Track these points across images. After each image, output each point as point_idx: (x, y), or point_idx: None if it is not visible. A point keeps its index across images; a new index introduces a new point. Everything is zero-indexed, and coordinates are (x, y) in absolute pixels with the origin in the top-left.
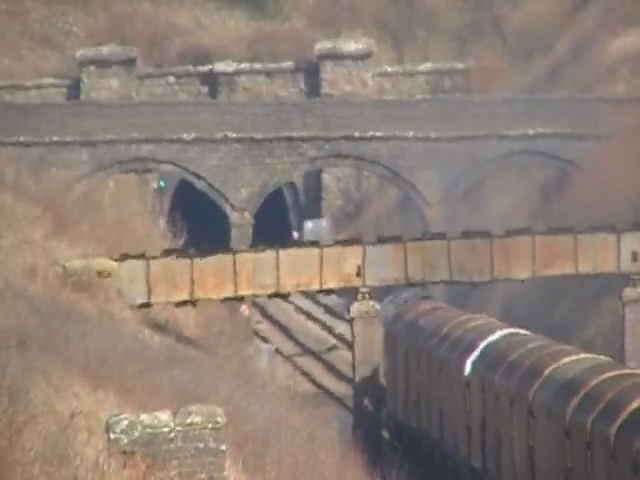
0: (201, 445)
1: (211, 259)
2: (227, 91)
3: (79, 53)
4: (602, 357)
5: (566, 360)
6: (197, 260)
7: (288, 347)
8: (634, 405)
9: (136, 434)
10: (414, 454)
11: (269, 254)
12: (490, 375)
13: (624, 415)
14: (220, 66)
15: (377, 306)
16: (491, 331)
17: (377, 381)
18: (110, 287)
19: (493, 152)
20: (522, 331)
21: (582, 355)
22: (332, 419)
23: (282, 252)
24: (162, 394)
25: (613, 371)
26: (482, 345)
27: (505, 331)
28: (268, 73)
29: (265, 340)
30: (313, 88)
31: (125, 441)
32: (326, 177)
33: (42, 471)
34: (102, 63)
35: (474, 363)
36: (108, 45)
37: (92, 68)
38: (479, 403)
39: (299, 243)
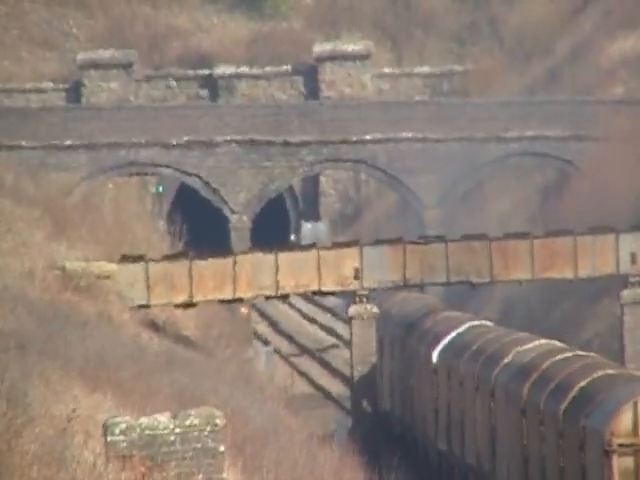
0: (200, 447)
1: (210, 261)
2: (226, 94)
3: (79, 57)
4: (556, 342)
5: (524, 346)
6: (196, 262)
7: (287, 348)
8: (581, 384)
9: (135, 436)
10: (389, 438)
11: (268, 256)
12: (456, 363)
13: (572, 394)
14: (219, 69)
15: (375, 308)
16: (458, 323)
17: (375, 382)
18: (109, 290)
19: (492, 154)
20: (488, 323)
21: (538, 341)
22: (330, 420)
23: (281, 254)
24: (161, 396)
25: (564, 354)
26: (449, 336)
27: (471, 323)
28: (267, 76)
29: (264, 342)
30: (312, 90)
31: (123, 444)
32: (324, 180)
33: (40, 474)
34: (102, 67)
35: (441, 352)
36: (107, 49)
37: (92, 72)
38: (446, 389)
39: (298, 245)
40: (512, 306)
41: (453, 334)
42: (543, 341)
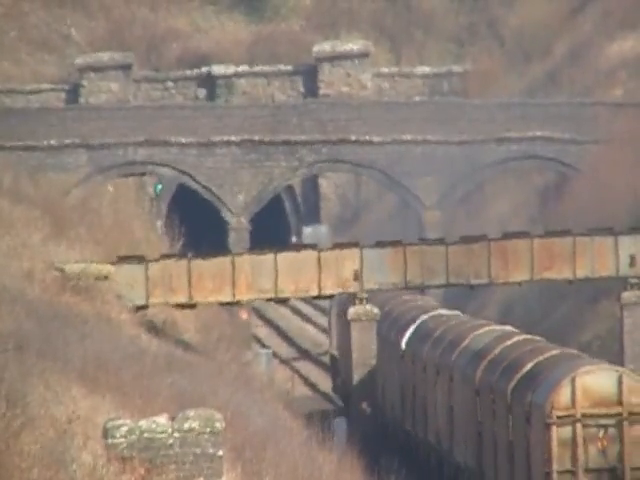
0: (199, 450)
1: (209, 263)
2: (225, 94)
3: (78, 59)
4: (509, 328)
5: (479, 332)
6: (195, 264)
7: (286, 351)
8: (528, 366)
9: (134, 439)
10: (386, 439)
11: (267, 258)
12: (420, 349)
13: (519, 374)
14: (218, 69)
15: (375, 310)
16: (424, 311)
17: (374, 383)
18: (108, 291)
19: (491, 156)
20: (454, 312)
21: (493, 327)
22: (329, 422)
23: (280, 256)
24: (160, 399)
25: (514, 339)
26: (415, 324)
27: (436, 312)
28: (266, 76)
29: (263, 344)
30: (311, 90)
31: (123, 446)
32: (324, 183)
33: (40, 476)
34: (101, 68)
35: (408, 339)
36: (107, 51)
37: (91, 73)
38: (411, 374)
39: (297, 246)
40: (511, 307)
41: (419, 322)
42: (497, 327)
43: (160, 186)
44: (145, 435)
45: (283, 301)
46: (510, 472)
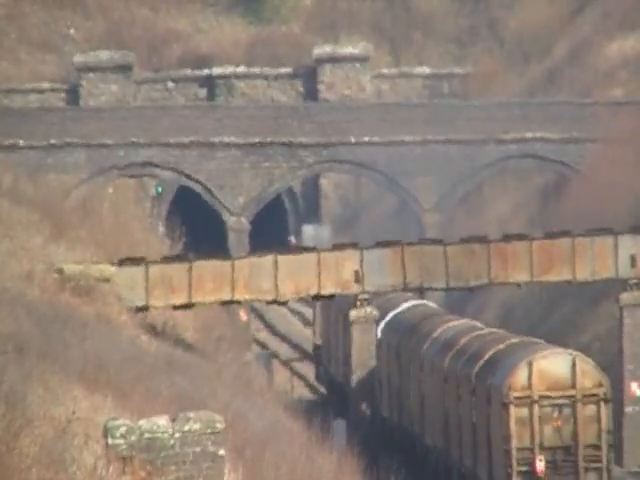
0: (199, 451)
1: (209, 264)
2: (225, 95)
3: (78, 59)
4: (475, 322)
5: (449, 325)
6: (195, 265)
7: (285, 352)
8: (490, 353)
9: (134, 439)
10: (343, 405)
11: (267, 259)
12: (394, 339)
13: (482, 361)
14: (218, 70)
15: (375, 312)
16: (400, 302)
17: (374, 384)
18: (108, 292)
19: (491, 156)
20: (427, 303)
21: (461, 321)
22: (329, 423)
23: (280, 257)
24: (160, 399)
25: (480, 331)
26: (391, 314)
27: (410, 303)
28: (266, 77)
29: (263, 346)
30: (311, 92)
31: (123, 446)
32: (324, 183)
33: (39, 476)
34: (100, 69)
35: (384, 328)
36: (106, 51)
37: (91, 74)
38: (385, 362)
39: (297, 248)
40: (511, 309)
41: (394, 312)
42: (465, 320)
43: (160, 187)
44: (145, 435)
45: (283, 303)
46: (473, 451)
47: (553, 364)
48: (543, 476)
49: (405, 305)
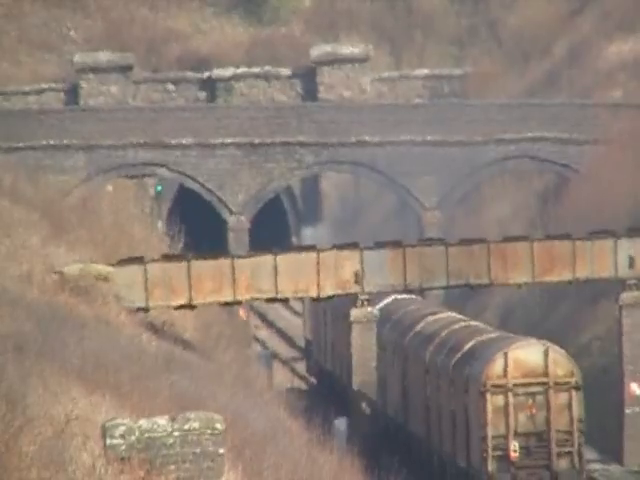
0: (199, 450)
1: (209, 264)
2: (225, 96)
3: (77, 60)
4: (455, 314)
5: (430, 318)
6: (195, 265)
7: (285, 351)
8: (468, 345)
9: (133, 439)
10: (329, 388)
11: (267, 259)
12: (380, 331)
13: (461, 352)
14: (218, 71)
15: (375, 312)
16: (384, 296)
17: (374, 384)
18: (107, 292)
19: (490, 157)
20: (411, 296)
21: (443, 314)
22: (330, 423)
23: (280, 257)
24: (159, 399)
25: (460, 324)
26: (377, 307)
27: (394, 296)
28: (266, 78)
29: (263, 344)
30: (310, 93)
31: (122, 446)
32: (324, 183)
33: (39, 476)
34: (100, 70)
35: None
36: (105, 51)
37: (90, 75)
38: (382, 357)
39: (297, 247)
40: (511, 309)
41: (379, 306)
42: (448, 314)
43: (160, 187)
44: (145, 435)
45: (282, 300)
46: (452, 438)
47: (527, 354)
48: (517, 461)
49: (389, 299)
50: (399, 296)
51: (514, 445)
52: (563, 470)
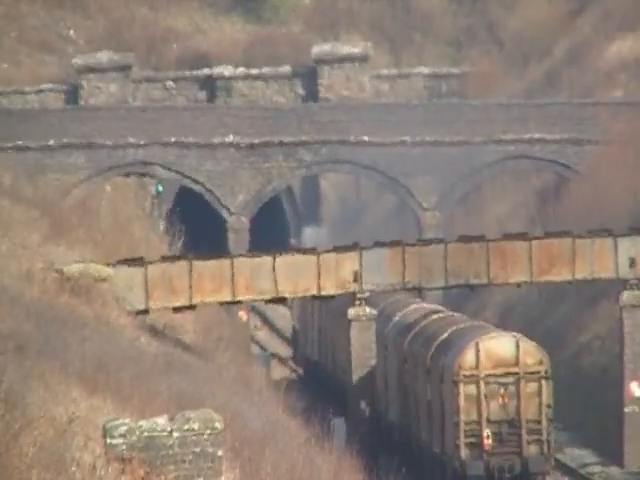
0: (199, 451)
1: (209, 264)
2: (225, 96)
3: (77, 59)
4: (435, 305)
5: (410, 308)
6: (195, 265)
7: (285, 351)
8: (444, 336)
9: (134, 439)
10: (316, 379)
11: (266, 260)
12: (381, 328)
13: (436, 343)
14: (218, 71)
15: (374, 311)
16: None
17: (374, 384)
18: (107, 292)
19: (490, 157)
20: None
21: (422, 305)
22: (328, 423)
23: (279, 258)
24: (159, 400)
25: (437, 315)
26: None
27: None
28: (265, 78)
29: (262, 345)
30: (310, 92)
31: (123, 446)
32: (324, 183)
33: (39, 477)
34: (100, 69)
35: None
36: (106, 51)
37: (90, 74)
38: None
39: (296, 249)
40: (511, 308)
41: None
42: (425, 305)
43: (161, 187)
44: (144, 435)
45: (282, 300)
46: (429, 425)
47: (498, 345)
48: (489, 448)
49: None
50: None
51: (487, 432)
52: (533, 456)
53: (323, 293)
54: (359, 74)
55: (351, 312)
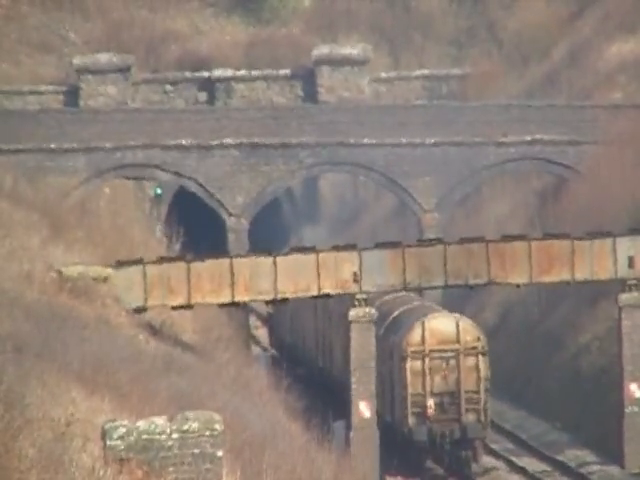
0: (198, 452)
1: (208, 264)
2: (224, 97)
3: (76, 61)
4: (410, 294)
5: (387, 297)
6: (194, 266)
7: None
8: (394, 314)
9: (133, 440)
10: (292, 360)
11: (266, 260)
12: (328, 303)
13: (387, 322)
14: (217, 72)
15: (374, 311)
16: None
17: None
18: (106, 293)
19: (490, 158)
20: None
21: (399, 294)
22: (328, 425)
23: (279, 258)
24: (159, 400)
25: (391, 295)
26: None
27: None
28: (265, 79)
29: (262, 346)
30: (310, 94)
31: (122, 447)
32: (323, 184)
33: (38, 478)
34: (99, 71)
35: (329, 302)
36: (105, 53)
37: (90, 76)
38: (322, 323)
39: (296, 248)
40: (510, 309)
41: None
42: (399, 294)
43: (160, 189)
44: (143, 436)
45: (282, 300)
46: (382, 398)
47: (441, 324)
48: (432, 416)
49: None
50: None
51: (430, 403)
52: (470, 423)
53: (323, 293)
54: (359, 76)
55: (352, 313)
